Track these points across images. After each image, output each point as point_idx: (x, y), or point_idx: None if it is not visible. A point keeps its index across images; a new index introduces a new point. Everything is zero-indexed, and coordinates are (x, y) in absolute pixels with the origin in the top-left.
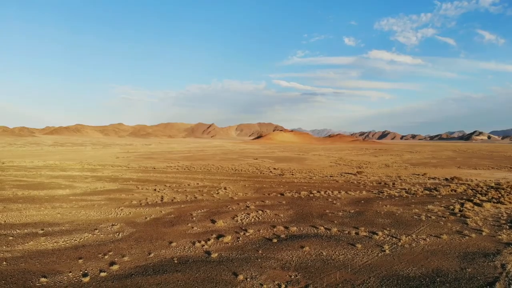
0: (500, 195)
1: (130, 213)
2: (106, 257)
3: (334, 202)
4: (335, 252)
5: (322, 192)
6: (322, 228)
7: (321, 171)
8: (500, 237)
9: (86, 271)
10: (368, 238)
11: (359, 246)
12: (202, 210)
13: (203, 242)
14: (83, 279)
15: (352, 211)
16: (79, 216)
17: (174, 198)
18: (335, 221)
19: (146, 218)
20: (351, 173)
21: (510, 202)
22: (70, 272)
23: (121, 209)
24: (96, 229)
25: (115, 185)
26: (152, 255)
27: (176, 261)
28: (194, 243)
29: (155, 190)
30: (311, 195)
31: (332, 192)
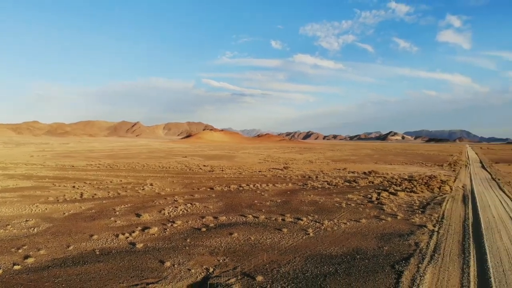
0: (412, 185)
1: (46, 209)
2: (20, 251)
3: (263, 193)
4: (262, 237)
5: (251, 185)
6: (250, 216)
7: (250, 167)
8: (413, 220)
9: None
10: (294, 223)
11: (285, 230)
12: (126, 205)
13: (127, 234)
14: None
15: (279, 200)
16: None
17: (95, 194)
18: (263, 210)
19: (64, 213)
20: (278, 169)
21: (421, 192)
22: None
23: (36, 206)
24: (8, 225)
25: (29, 183)
26: (71, 247)
27: (98, 253)
28: (117, 236)
29: (73, 187)
30: (241, 188)
31: (260, 185)
